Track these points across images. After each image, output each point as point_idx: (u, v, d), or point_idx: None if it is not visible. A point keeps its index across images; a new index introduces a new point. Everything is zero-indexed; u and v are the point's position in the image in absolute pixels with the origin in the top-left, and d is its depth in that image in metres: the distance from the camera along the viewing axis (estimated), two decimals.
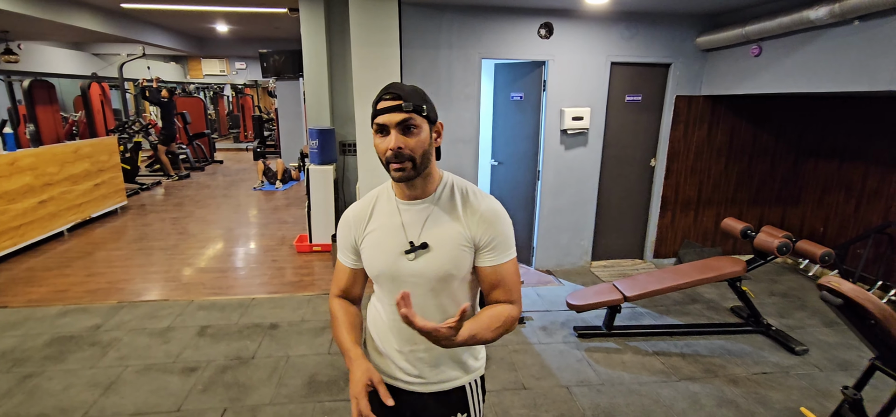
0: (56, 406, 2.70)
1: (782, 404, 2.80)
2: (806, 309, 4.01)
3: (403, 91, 1.14)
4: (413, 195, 1.24)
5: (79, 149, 5.97)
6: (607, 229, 4.95)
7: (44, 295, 4.11)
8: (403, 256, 1.22)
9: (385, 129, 1.15)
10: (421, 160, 1.16)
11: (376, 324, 1.36)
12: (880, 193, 4.19)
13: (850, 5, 2.95)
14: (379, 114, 1.15)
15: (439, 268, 1.22)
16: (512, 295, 1.25)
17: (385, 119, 1.13)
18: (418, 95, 1.16)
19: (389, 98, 1.14)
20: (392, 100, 1.13)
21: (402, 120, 1.13)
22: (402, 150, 1.13)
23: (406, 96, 1.13)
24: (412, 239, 1.22)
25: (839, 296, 1.83)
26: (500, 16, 4.22)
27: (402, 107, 1.12)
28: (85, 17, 6.28)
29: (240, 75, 13.99)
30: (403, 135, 1.13)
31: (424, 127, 1.16)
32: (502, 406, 2.75)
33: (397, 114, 1.12)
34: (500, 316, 1.20)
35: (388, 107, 1.13)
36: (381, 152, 1.17)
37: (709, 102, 4.63)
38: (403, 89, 1.15)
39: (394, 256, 1.23)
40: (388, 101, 1.14)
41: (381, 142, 1.16)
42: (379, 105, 1.15)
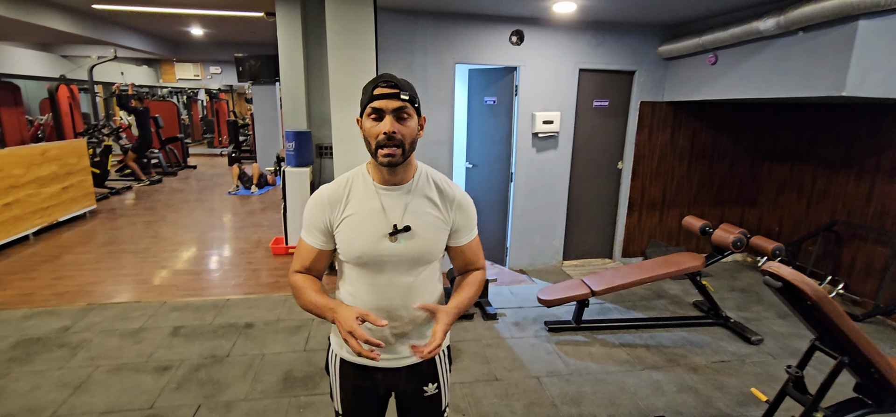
0: (23, 406, 2.66)
1: (738, 389, 2.97)
2: (762, 303, 4.24)
3: (399, 81, 1.23)
4: (394, 180, 1.31)
5: (46, 152, 5.83)
6: (578, 229, 5.12)
7: (8, 298, 4.01)
8: (385, 239, 1.29)
9: (380, 114, 1.21)
10: (409, 147, 1.25)
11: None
12: (827, 193, 4.48)
13: (794, 17, 3.19)
14: (375, 99, 1.21)
15: (420, 250, 1.32)
16: (479, 261, 1.50)
17: (382, 104, 1.21)
18: (411, 87, 1.26)
19: (387, 85, 1.21)
20: (390, 88, 1.21)
21: (397, 107, 1.21)
22: (395, 135, 1.21)
23: (402, 86, 1.22)
24: (395, 221, 1.30)
25: (779, 280, 1.99)
26: (473, 22, 4.36)
27: (400, 95, 1.21)
28: (55, 18, 6.15)
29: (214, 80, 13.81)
30: (397, 122, 1.22)
31: (414, 118, 1.26)
32: (475, 397, 2.84)
33: (394, 101, 1.21)
34: (475, 281, 1.45)
35: (386, 93, 1.21)
36: (372, 136, 1.23)
37: (671, 108, 4.88)
38: (398, 80, 1.23)
39: (375, 239, 1.29)
40: (386, 88, 1.21)
41: (374, 126, 1.22)
42: (376, 91, 1.22)
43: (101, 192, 7.86)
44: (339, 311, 1.23)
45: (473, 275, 1.47)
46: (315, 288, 1.34)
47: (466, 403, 2.77)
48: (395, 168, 1.27)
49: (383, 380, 1.42)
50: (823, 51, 3.12)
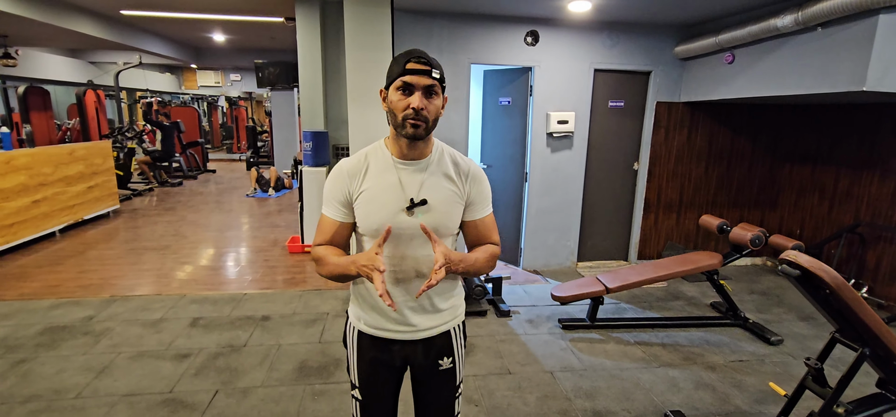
0: (49, 388, 2.75)
1: (756, 388, 2.92)
2: (783, 306, 4.16)
3: (431, 59, 1.25)
4: (412, 155, 1.34)
5: (74, 152, 6.03)
6: (593, 230, 5.09)
7: (36, 290, 4.14)
8: (402, 212, 1.32)
9: (409, 89, 1.24)
10: (432, 124, 1.29)
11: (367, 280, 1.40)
12: (851, 195, 4.39)
13: (812, 13, 3.17)
14: (408, 72, 1.23)
15: (436, 223, 1.33)
16: (494, 236, 1.47)
17: (414, 79, 1.23)
18: (441, 67, 1.29)
19: (420, 62, 1.23)
20: (423, 65, 1.23)
21: (428, 85, 1.24)
22: (422, 111, 1.24)
23: (434, 64, 1.25)
24: (412, 196, 1.32)
25: (797, 268, 1.96)
26: (488, 23, 4.41)
27: (431, 73, 1.24)
28: (85, 23, 6.39)
29: (234, 87, 14.13)
30: (426, 98, 1.25)
31: (440, 96, 1.29)
32: (488, 389, 2.84)
33: (426, 78, 1.23)
34: (488, 250, 1.44)
35: (419, 69, 1.23)
36: (400, 109, 1.25)
37: (688, 108, 4.84)
38: (430, 57, 1.25)
39: (393, 212, 1.32)
40: (418, 64, 1.23)
41: (402, 99, 1.25)
42: (409, 65, 1.23)
43: (124, 193, 8.09)
44: (359, 257, 1.26)
45: (486, 245, 1.45)
46: (337, 253, 1.36)
47: (479, 394, 2.78)
48: (415, 142, 1.30)
49: (400, 352, 1.43)
50: (843, 46, 3.08)
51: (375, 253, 1.21)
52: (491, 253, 1.43)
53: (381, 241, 1.23)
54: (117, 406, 2.60)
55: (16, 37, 7.44)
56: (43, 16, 5.67)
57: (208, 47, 10.18)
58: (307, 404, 2.65)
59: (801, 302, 4.23)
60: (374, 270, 1.19)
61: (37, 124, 8.98)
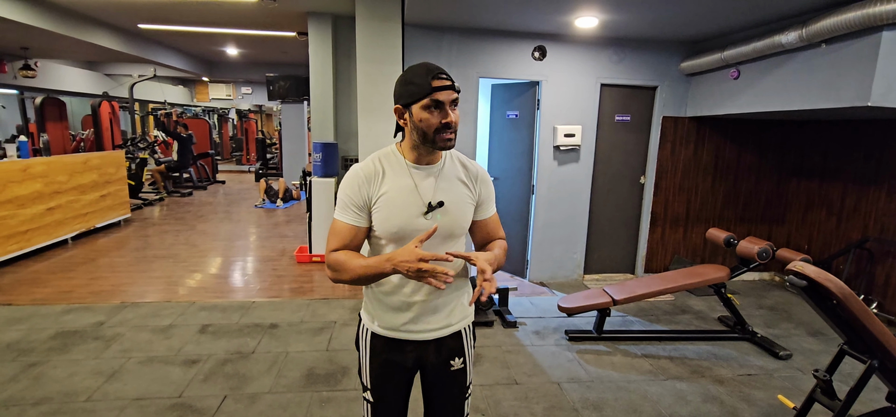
0: (60, 390, 2.79)
1: (765, 401, 2.90)
2: (792, 321, 4.13)
3: (446, 73, 1.34)
4: (428, 160, 1.41)
5: (88, 161, 6.15)
6: (599, 243, 5.10)
7: (48, 295, 4.21)
8: (420, 216, 1.36)
9: (440, 105, 1.30)
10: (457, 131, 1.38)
11: (384, 282, 1.42)
12: (858, 210, 4.38)
13: (816, 30, 3.21)
14: (437, 91, 1.29)
15: (452, 224, 1.40)
16: (500, 232, 1.58)
17: (443, 96, 1.30)
18: None
19: (444, 78, 1.31)
20: (447, 81, 1.31)
21: (454, 99, 1.33)
22: (453, 123, 1.33)
23: (452, 78, 1.34)
24: (428, 199, 1.37)
25: (804, 279, 1.98)
26: (496, 38, 4.49)
27: (454, 87, 1.33)
28: (104, 36, 6.57)
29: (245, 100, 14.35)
30: (454, 111, 1.34)
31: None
32: (495, 399, 2.84)
33: (451, 93, 1.32)
34: (503, 245, 1.54)
35: (445, 85, 1.30)
36: (431, 125, 1.31)
37: (694, 123, 4.88)
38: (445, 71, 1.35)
39: (411, 215, 1.36)
40: (444, 81, 1.31)
41: (433, 116, 1.30)
42: (435, 83, 1.29)
43: (135, 203, 8.20)
44: (397, 254, 1.27)
45: (498, 241, 1.54)
46: (357, 256, 1.37)
47: (486, 404, 2.78)
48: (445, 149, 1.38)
49: (413, 353, 1.46)
50: (847, 62, 3.12)
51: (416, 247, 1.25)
52: (505, 249, 1.53)
53: (424, 238, 1.27)
54: (127, 409, 2.63)
55: (36, 49, 7.65)
56: (65, 29, 5.84)
57: (221, 61, 10.39)
58: (315, 410, 2.66)
59: (809, 317, 4.20)
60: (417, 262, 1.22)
61: (52, 134, 9.17)
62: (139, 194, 8.81)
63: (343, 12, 5.15)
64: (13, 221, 4.93)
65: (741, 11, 3.56)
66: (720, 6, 3.46)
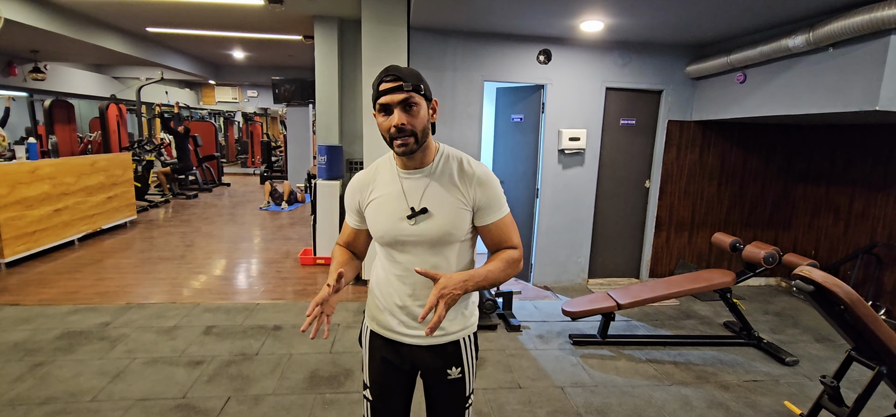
0: (66, 390, 2.80)
1: (771, 408, 2.87)
2: (798, 327, 4.09)
3: (402, 72, 1.25)
4: (413, 165, 1.37)
5: (95, 163, 6.20)
6: (604, 247, 5.08)
7: (55, 296, 4.24)
8: (404, 221, 1.35)
9: (388, 109, 1.26)
10: (421, 135, 1.30)
11: (379, 283, 1.46)
12: (866, 215, 4.34)
13: (823, 34, 3.19)
14: (381, 95, 1.26)
15: (439, 230, 1.35)
16: (512, 240, 1.41)
17: (387, 99, 1.25)
18: (415, 76, 1.27)
19: (390, 80, 1.24)
20: (393, 82, 1.23)
21: (403, 99, 1.25)
22: (405, 126, 1.25)
23: (405, 77, 1.24)
24: (413, 205, 1.35)
25: (811, 283, 1.96)
26: (501, 42, 4.50)
27: (403, 87, 1.24)
28: (112, 39, 6.64)
29: (251, 103, 14.44)
30: (405, 113, 1.26)
31: (423, 104, 1.29)
32: (498, 402, 2.83)
33: (398, 94, 1.24)
34: (503, 257, 1.37)
35: (390, 87, 1.23)
36: (384, 130, 1.28)
37: (700, 127, 4.86)
38: (402, 71, 1.25)
39: (395, 220, 1.36)
40: (389, 83, 1.24)
41: (385, 120, 1.27)
42: (381, 87, 1.24)
43: (141, 205, 8.26)
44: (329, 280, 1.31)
45: (503, 252, 1.39)
46: (340, 260, 1.45)
47: (489, 408, 2.77)
48: (411, 155, 1.33)
49: (408, 356, 1.45)
50: (855, 66, 3.10)
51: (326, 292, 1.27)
52: (507, 260, 1.36)
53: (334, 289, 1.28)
54: (132, 409, 2.64)
55: (46, 52, 7.73)
56: (74, 32, 5.90)
57: (227, 64, 10.46)
58: (318, 412, 2.66)
59: (816, 323, 4.16)
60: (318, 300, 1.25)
61: (61, 136, 9.26)
62: (145, 196, 8.86)
63: (349, 16, 5.17)
64: (21, 222, 4.97)
65: (748, 15, 3.55)
66: (726, 10, 3.45)
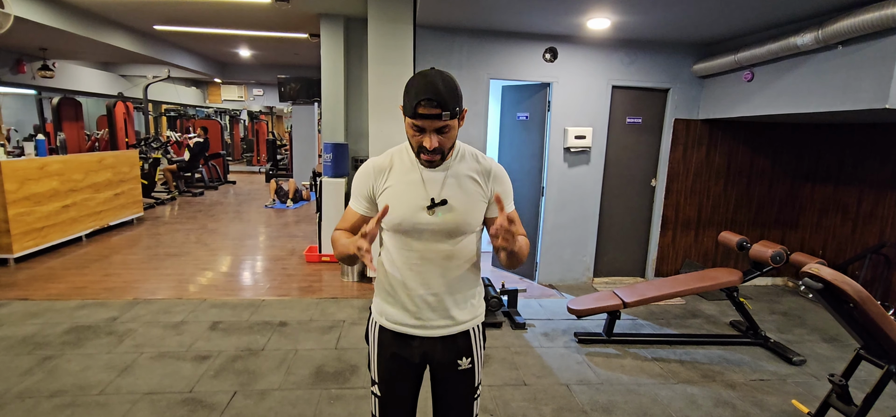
0: (74, 384, 2.82)
1: (778, 407, 2.85)
2: (805, 327, 4.07)
3: (442, 97, 1.23)
4: None
5: (103, 160, 6.25)
6: (609, 246, 5.07)
7: (63, 291, 4.27)
8: (423, 211, 1.36)
9: (421, 129, 1.28)
10: (448, 152, 1.35)
11: (389, 275, 1.45)
12: (875, 215, 4.30)
13: (833, 31, 3.16)
14: (419, 116, 1.26)
15: (457, 221, 1.38)
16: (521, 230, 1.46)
17: (423, 123, 1.27)
18: (454, 98, 1.26)
19: (430, 105, 1.23)
20: (433, 108, 1.23)
21: (440, 127, 1.28)
22: (434, 149, 1.29)
23: (445, 103, 1.24)
24: (433, 195, 1.37)
25: (819, 281, 1.95)
26: (507, 40, 4.49)
27: (441, 115, 1.25)
28: (120, 37, 6.68)
29: (256, 101, 14.50)
30: (439, 136, 1.29)
31: (455, 124, 1.31)
32: (503, 399, 2.83)
33: (436, 121, 1.26)
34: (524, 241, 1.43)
35: (430, 113, 1.24)
36: (415, 143, 1.32)
37: (706, 126, 4.83)
38: (442, 94, 1.23)
39: (415, 209, 1.36)
40: (428, 108, 1.23)
41: (415, 136, 1.31)
42: (419, 109, 1.24)
43: (148, 202, 8.31)
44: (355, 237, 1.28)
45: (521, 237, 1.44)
46: (347, 236, 1.42)
47: (495, 404, 2.77)
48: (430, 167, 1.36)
49: (419, 349, 1.45)
50: (865, 64, 3.07)
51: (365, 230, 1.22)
52: (525, 246, 1.44)
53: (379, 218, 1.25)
54: (139, 403, 2.66)
55: (55, 50, 7.79)
56: (83, 30, 5.95)
57: (234, 62, 10.50)
58: (323, 407, 2.67)
59: (823, 323, 4.13)
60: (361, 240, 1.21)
61: (69, 133, 9.33)
62: (151, 193, 8.92)
63: (355, 14, 5.18)
64: (30, 218, 5.01)
65: (756, 13, 3.53)
66: (735, 8, 3.43)
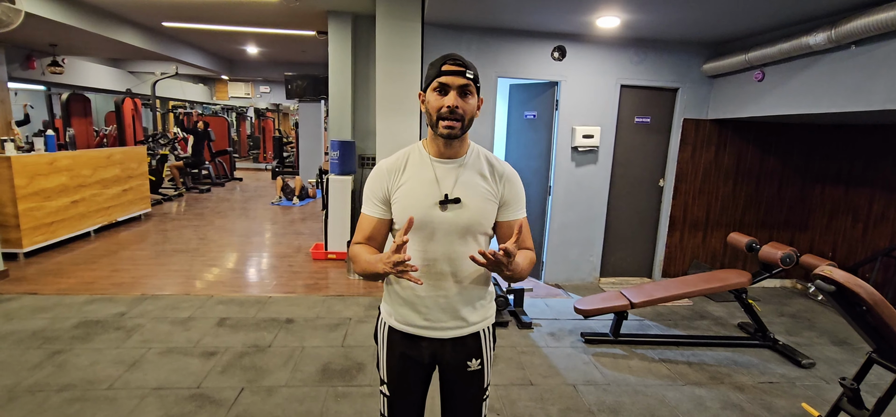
0: (83, 378, 2.85)
1: (787, 410, 2.83)
2: (815, 329, 4.03)
3: (466, 61, 1.32)
4: (448, 154, 1.40)
5: (111, 156, 6.29)
6: (616, 246, 5.04)
7: (72, 286, 4.31)
8: (436, 207, 1.36)
9: (445, 89, 1.30)
10: (467, 123, 1.34)
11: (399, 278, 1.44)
12: (886, 217, 4.26)
13: (846, 31, 3.13)
14: (443, 74, 1.30)
15: (469, 220, 1.38)
16: (528, 243, 1.48)
17: (449, 80, 1.30)
18: (475, 69, 1.34)
19: (455, 64, 1.30)
20: (457, 66, 1.30)
21: (462, 84, 1.30)
22: (457, 110, 1.30)
23: (468, 66, 1.31)
24: (446, 192, 1.37)
25: (832, 283, 1.92)
26: (515, 38, 4.47)
27: (465, 73, 1.30)
28: (129, 33, 6.72)
29: (263, 98, 14.55)
30: (461, 98, 1.31)
31: (475, 96, 1.35)
32: (510, 399, 2.82)
33: (460, 78, 1.30)
34: (528, 256, 1.42)
35: (454, 70, 1.29)
36: (435, 108, 1.32)
37: (716, 126, 4.79)
38: (465, 59, 1.32)
39: (427, 206, 1.36)
40: (453, 66, 1.29)
41: (437, 99, 1.31)
42: (444, 67, 1.30)
43: (155, 198, 8.36)
44: (383, 255, 1.30)
45: (526, 251, 1.44)
46: (369, 251, 1.41)
47: (501, 404, 2.76)
48: (451, 141, 1.35)
49: (428, 349, 1.45)
50: (878, 64, 3.03)
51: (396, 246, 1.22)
52: (531, 260, 1.43)
53: (406, 229, 1.26)
54: (147, 398, 2.67)
55: (64, 46, 7.85)
56: (93, 26, 5.98)
57: (241, 59, 10.54)
58: (330, 404, 2.68)
59: (833, 325, 4.09)
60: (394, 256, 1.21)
61: (77, 129, 9.41)
62: (159, 189, 8.97)
63: (363, 11, 5.18)
64: (39, 213, 5.05)
65: (767, 12, 3.49)
66: (746, 7, 3.39)
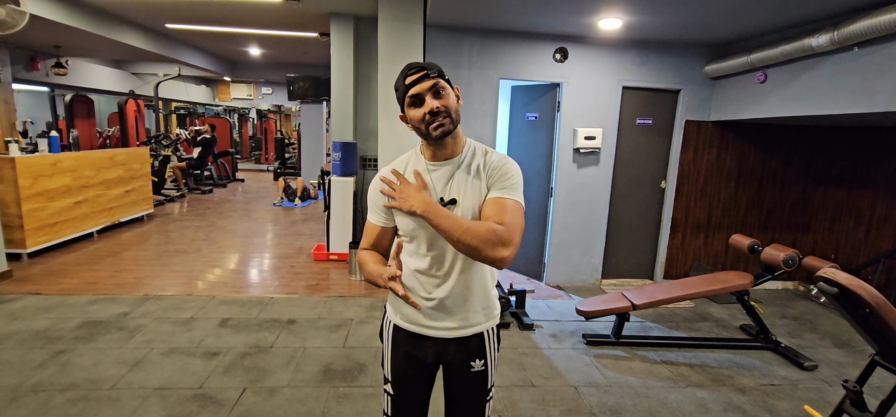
0: (86, 378, 2.86)
1: (789, 412, 2.82)
2: (817, 331, 4.02)
3: (421, 64, 1.32)
4: (443, 155, 1.39)
5: (114, 156, 6.31)
6: (618, 248, 5.04)
7: (75, 286, 4.32)
8: None
9: (419, 99, 1.31)
10: (455, 116, 1.34)
11: (405, 276, 1.44)
12: (889, 219, 4.25)
13: (849, 32, 3.12)
14: (410, 87, 1.30)
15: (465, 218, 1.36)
16: (503, 218, 1.27)
17: (417, 89, 1.30)
18: (435, 65, 1.35)
19: (415, 72, 1.30)
20: (418, 72, 1.30)
21: (431, 85, 1.30)
22: (439, 109, 1.30)
23: (428, 68, 1.32)
24: (441, 196, 1.37)
25: (834, 285, 1.92)
26: (517, 39, 4.48)
27: (429, 74, 1.31)
28: (132, 35, 6.75)
29: (265, 100, 14.58)
30: (437, 99, 1.31)
31: (449, 89, 1.35)
32: (511, 400, 2.82)
33: (426, 81, 1.30)
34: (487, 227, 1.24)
35: (418, 78, 1.31)
36: (418, 120, 1.32)
37: (718, 127, 4.79)
38: (422, 63, 1.33)
39: None
40: (415, 75, 1.30)
41: (417, 112, 1.32)
42: (408, 80, 1.31)
43: (158, 199, 8.38)
44: (384, 271, 1.33)
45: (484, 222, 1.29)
46: (375, 260, 1.43)
47: (502, 405, 2.76)
48: (445, 138, 1.34)
49: (432, 349, 1.46)
50: (881, 66, 3.03)
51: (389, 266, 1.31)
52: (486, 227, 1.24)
53: (395, 254, 1.33)
54: (150, 398, 2.68)
55: (68, 48, 7.88)
56: (96, 28, 6.01)
57: (243, 61, 10.57)
58: (332, 405, 2.68)
59: (836, 328, 4.08)
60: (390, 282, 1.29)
61: (81, 130, 9.44)
62: (161, 190, 9.00)
63: (365, 13, 5.19)
64: (43, 213, 5.07)
65: (769, 14, 3.49)
66: (748, 8, 3.39)
